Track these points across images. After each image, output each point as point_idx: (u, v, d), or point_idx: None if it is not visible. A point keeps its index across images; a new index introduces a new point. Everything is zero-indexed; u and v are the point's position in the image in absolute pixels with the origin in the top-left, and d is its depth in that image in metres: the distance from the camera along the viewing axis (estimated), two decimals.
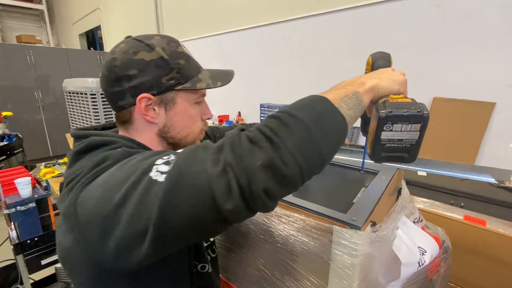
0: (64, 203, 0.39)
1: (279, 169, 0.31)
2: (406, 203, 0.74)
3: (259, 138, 0.32)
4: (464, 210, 1.07)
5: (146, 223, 0.32)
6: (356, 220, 0.46)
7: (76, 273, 0.41)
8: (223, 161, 0.31)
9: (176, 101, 0.48)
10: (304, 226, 0.51)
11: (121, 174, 0.36)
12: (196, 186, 0.31)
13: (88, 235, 0.36)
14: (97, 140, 0.44)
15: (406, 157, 0.43)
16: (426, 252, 0.61)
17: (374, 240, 0.47)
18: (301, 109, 0.34)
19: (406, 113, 0.38)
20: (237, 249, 0.69)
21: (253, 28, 2.62)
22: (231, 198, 0.31)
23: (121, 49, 0.46)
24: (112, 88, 0.46)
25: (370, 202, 0.53)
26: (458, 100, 1.64)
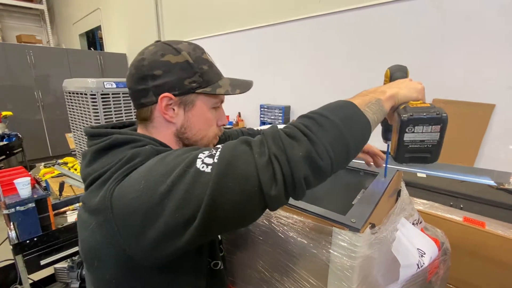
0: (94, 198, 0.40)
1: (315, 161, 0.35)
2: (406, 205, 0.74)
3: (297, 133, 0.37)
4: (463, 211, 1.07)
5: (194, 212, 0.34)
6: (355, 222, 0.46)
7: (104, 269, 0.41)
8: (268, 152, 0.35)
9: (195, 103, 0.51)
10: (303, 228, 0.51)
11: (162, 168, 0.37)
12: (244, 175, 0.34)
13: (125, 228, 0.37)
14: (121, 138, 0.46)
15: (428, 157, 0.45)
16: (425, 254, 0.61)
17: (373, 242, 0.47)
18: (332, 112, 0.39)
19: (426, 116, 0.42)
20: (236, 250, 0.69)
21: (253, 29, 2.62)
22: (275, 185, 0.35)
23: (150, 51, 0.49)
24: (137, 85, 0.49)
25: (369, 203, 0.53)
26: (457, 102, 1.65)
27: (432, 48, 1.68)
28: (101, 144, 0.46)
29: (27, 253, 1.13)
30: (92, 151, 0.46)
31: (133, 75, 0.49)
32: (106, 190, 0.39)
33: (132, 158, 0.42)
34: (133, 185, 0.38)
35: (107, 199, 0.38)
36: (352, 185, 0.78)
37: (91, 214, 0.41)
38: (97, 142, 0.47)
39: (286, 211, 0.56)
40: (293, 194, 0.37)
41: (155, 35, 3.80)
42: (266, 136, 0.38)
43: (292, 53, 2.39)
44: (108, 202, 0.38)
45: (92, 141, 0.48)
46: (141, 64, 0.48)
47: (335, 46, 2.11)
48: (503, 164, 1.55)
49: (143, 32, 4.09)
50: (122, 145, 0.45)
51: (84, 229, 0.43)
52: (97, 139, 0.47)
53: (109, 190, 0.39)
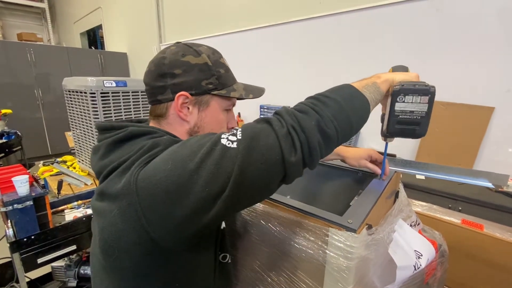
0: (117, 185, 0.41)
1: (324, 129, 0.41)
2: (403, 206, 0.74)
3: (306, 109, 0.42)
4: (461, 214, 1.07)
5: (223, 184, 0.37)
6: (352, 222, 0.46)
7: (124, 257, 0.42)
8: (286, 125, 0.40)
9: (210, 104, 0.53)
10: (300, 228, 0.51)
11: (187, 149, 0.40)
12: (268, 146, 0.38)
13: (151, 210, 0.38)
14: (138, 130, 0.47)
15: (417, 129, 0.49)
16: (422, 255, 0.61)
17: (370, 243, 0.46)
18: (333, 92, 0.45)
19: (415, 86, 0.47)
20: (232, 250, 0.69)
21: (253, 30, 2.62)
22: (295, 152, 0.39)
23: (172, 51, 0.51)
24: (155, 82, 0.51)
25: (366, 204, 0.53)
26: (457, 104, 1.65)
27: (431, 50, 1.68)
28: (117, 136, 0.47)
29: (24, 251, 1.12)
30: (107, 143, 0.47)
31: (152, 72, 0.51)
32: (131, 175, 0.40)
33: (153, 147, 0.43)
34: (159, 167, 0.39)
35: (132, 182, 0.39)
36: (350, 186, 0.78)
37: (112, 200, 0.41)
38: (112, 135, 0.48)
39: (282, 211, 0.55)
40: (309, 161, 0.41)
41: (156, 34, 3.80)
42: (280, 113, 0.43)
43: (292, 54, 2.39)
44: (134, 185, 0.39)
45: (104, 134, 0.49)
46: (161, 62, 0.50)
47: (335, 47, 2.11)
48: (502, 167, 1.55)
49: (144, 31, 4.09)
50: (139, 136, 0.47)
51: (103, 218, 0.43)
52: (111, 132, 0.49)
53: (133, 174, 0.40)
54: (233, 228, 0.67)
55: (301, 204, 0.54)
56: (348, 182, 0.78)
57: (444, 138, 1.71)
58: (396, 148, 1.94)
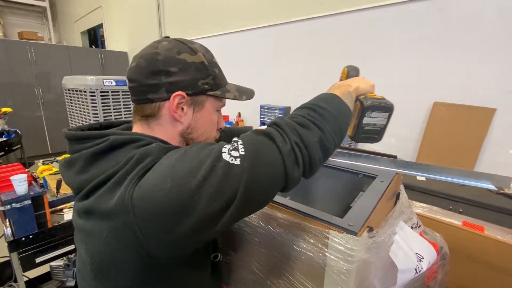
0: (107, 202, 0.38)
1: (326, 145, 0.43)
2: (404, 208, 0.73)
3: (307, 123, 0.43)
4: (462, 216, 1.06)
5: (228, 201, 0.37)
6: (353, 225, 0.45)
7: (122, 276, 0.40)
8: (289, 141, 0.41)
9: (205, 105, 0.51)
10: (300, 230, 0.50)
11: (186, 164, 0.38)
12: (272, 163, 0.39)
13: (150, 228, 0.36)
14: (121, 139, 0.43)
15: (376, 137, 0.58)
16: (423, 258, 0.60)
17: (371, 246, 0.46)
18: (328, 103, 0.47)
19: (382, 104, 0.54)
20: (231, 251, 0.68)
21: (254, 30, 2.62)
22: (297, 168, 0.41)
23: (164, 46, 0.48)
24: (147, 79, 0.47)
25: (367, 206, 0.52)
26: (458, 105, 1.64)
27: (433, 50, 1.67)
28: (98, 147, 0.43)
29: (22, 251, 1.12)
30: (86, 156, 0.43)
31: (143, 68, 0.47)
32: (125, 192, 0.37)
33: (143, 157, 0.40)
34: (157, 184, 0.37)
35: (127, 201, 0.36)
36: (351, 188, 0.77)
37: (103, 220, 0.38)
38: (90, 145, 0.44)
39: (283, 212, 0.55)
40: (308, 174, 0.44)
41: (156, 34, 3.79)
42: (282, 127, 0.42)
43: (293, 54, 2.38)
44: (129, 204, 0.36)
45: (80, 145, 0.45)
46: (155, 58, 0.46)
47: (336, 47, 2.10)
48: (503, 169, 1.54)
49: (144, 31, 4.09)
50: (123, 146, 0.43)
51: (92, 239, 0.40)
52: (88, 142, 0.45)
53: (127, 192, 0.37)
54: (232, 230, 0.67)
55: (301, 206, 0.54)
56: (348, 183, 0.78)
57: (445, 139, 1.70)
58: (397, 149, 1.94)
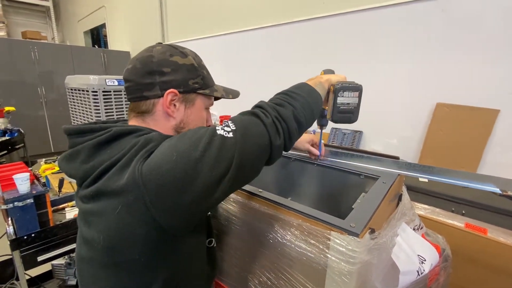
0: (118, 181, 0.42)
1: (299, 118, 0.52)
2: (407, 209, 0.73)
3: (283, 102, 0.53)
4: (465, 217, 1.05)
5: (226, 167, 0.43)
6: (355, 226, 0.45)
7: (133, 249, 0.44)
8: (270, 116, 0.50)
9: (195, 102, 0.58)
10: (301, 231, 0.50)
11: (187, 141, 0.43)
12: (259, 132, 0.48)
13: (160, 200, 0.40)
14: (123, 129, 0.48)
15: (352, 116, 0.67)
16: (425, 260, 0.60)
17: (373, 247, 0.45)
18: (299, 89, 0.57)
19: (351, 85, 0.65)
20: (232, 251, 0.68)
21: (256, 30, 2.61)
22: (279, 137, 0.50)
23: (158, 50, 0.54)
24: (142, 79, 0.52)
25: (369, 208, 0.52)
26: (461, 106, 1.63)
27: (436, 51, 1.67)
28: (101, 138, 0.47)
29: (24, 249, 1.12)
30: (90, 146, 0.47)
31: (139, 69, 0.52)
32: (134, 170, 0.41)
33: (147, 143, 0.45)
34: (164, 158, 0.41)
35: (138, 176, 0.40)
36: (352, 189, 0.76)
37: (115, 197, 0.42)
38: (93, 137, 0.48)
39: (283, 213, 0.55)
40: (288, 143, 0.52)
41: (159, 34, 3.80)
42: (263, 107, 0.52)
43: (295, 54, 2.38)
44: (139, 178, 0.40)
45: (82, 137, 0.49)
46: (149, 60, 0.52)
47: (338, 47, 2.10)
48: (506, 170, 1.53)
49: (147, 30, 4.10)
50: (125, 135, 0.48)
51: (104, 217, 0.44)
52: (90, 135, 0.49)
53: (137, 169, 0.41)
54: (233, 229, 0.67)
55: (303, 207, 0.53)
56: (350, 184, 0.77)
57: (448, 140, 1.69)
58: (398, 149, 1.93)
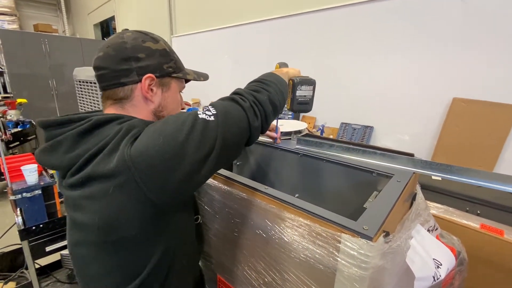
0: (108, 165, 0.43)
1: (273, 102, 0.58)
2: (421, 210, 0.69)
3: (258, 89, 0.58)
4: (480, 218, 1.01)
5: (210, 147, 0.46)
6: (368, 229, 0.41)
7: (130, 227, 0.46)
8: (248, 100, 0.54)
9: (171, 86, 0.59)
10: (309, 232, 0.47)
11: (172, 126, 0.46)
12: (239, 116, 0.52)
13: (151, 180, 0.43)
14: (104, 118, 0.49)
15: (308, 107, 0.77)
16: (441, 265, 0.56)
17: (387, 251, 0.42)
18: (270, 77, 0.62)
19: (307, 80, 0.74)
20: (237, 250, 0.66)
21: (264, 21, 2.56)
22: (257, 119, 0.54)
23: (130, 37, 0.54)
24: (118, 66, 0.52)
25: (383, 208, 0.48)
26: (479, 102, 1.56)
27: (453, 44, 1.58)
28: (83, 127, 0.48)
29: (33, 239, 1.14)
30: (72, 135, 0.48)
31: (113, 56, 0.52)
32: (122, 153, 0.43)
33: (130, 129, 0.47)
34: (151, 142, 0.44)
35: (127, 159, 0.42)
36: (364, 187, 0.73)
37: (106, 180, 0.43)
38: (74, 127, 0.48)
39: (291, 212, 0.52)
40: (265, 125, 0.57)
41: (167, 26, 3.78)
42: (240, 93, 0.56)
43: (303, 46, 2.31)
44: (129, 161, 0.42)
45: (62, 128, 0.49)
46: (123, 47, 0.53)
47: (348, 40, 2.02)
48: None
49: (155, 23, 4.08)
50: (107, 123, 0.49)
51: (97, 201, 0.45)
52: (70, 125, 0.49)
53: (125, 152, 0.42)
54: (238, 227, 0.64)
55: (311, 206, 0.50)
56: (361, 182, 0.74)
57: (464, 137, 1.62)
58: (411, 146, 1.87)
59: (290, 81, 0.73)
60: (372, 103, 1.99)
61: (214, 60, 3.17)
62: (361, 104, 2.04)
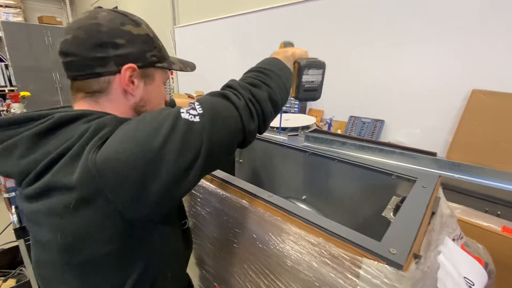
0: (70, 175, 0.36)
1: (274, 99, 0.50)
2: (447, 217, 0.61)
3: (257, 82, 0.49)
4: (501, 219, 0.92)
5: (194, 155, 0.39)
6: (396, 253, 0.33)
7: (96, 247, 0.39)
8: (243, 98, 0.46)
9: (155, 77, 0.51)
10: (321, 252, 0.39)
11: (147, 126, 0.38)
12: (230, 117, 0.44)
13: (122, 191, 0.36)
14: (68, 115, 0.41)
15: (316, 94, 0.66)
16: (474, 284, 0.48)
17: (418, 277, 0.34)
18: (272, 66, 0.54)
19: (315, 62, 0.63)
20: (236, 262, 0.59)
21: (274, 8, 2.44)
22: (253, 121, 0.47)
23: (105, 17, 0.45)
24: (92, 53, 0.44)
25: (411, 224, 0.40)
26: (500, 94, 1.44)
27: (473, 32, 1.46)
28: (42, 126, 0.41)
29: (28, 238, 1.10)
30: (29, 136, 0.41)
31: (85, 40, 0.44)
32: (86, 161, 0.36)
33: (99, 129, 0.39)
34: (121, 146, 0.37)
35: (92, 168, 0.35)
36: (381, 191, 0.65)
37: (68, 192, 0.37)
38: (31, 127, 0.41)
39: (299, 227, 0.44)
40: (263, 127, 0.50)
41: (170, 17, 3.68)
42: (235, 87, 0.47)
43: (311, 34, 2.19)
44: (94, 170, 0.35)
45: (16, 129, 0.42)
46: (97, 30, 0.44)
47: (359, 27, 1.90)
48: None
49: (158, 14, 3.99)
50: (71, 122, 0.41)
51: (57, 216, 0.38)
52: (27, 125, 0.42)
53: (90, 159, 0.36)
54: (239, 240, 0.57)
55: (325, 220, 0.42)
56: (378, 185, 0.65)
57: (483, 132, 1.51)
58: (423, 141, 1.76)
59: (296, 64, 0.63)
60: (384, 95, 1.88)
61: (218, 51, 3.07)
62: (372, 95, 1.93)
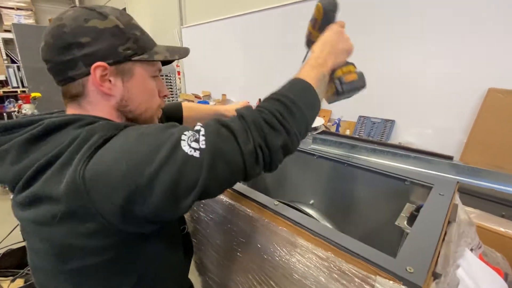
0: (58, 185, 0.35)
1: (289, 148, 0.44)
2: (465, 226, 0.57)
3: (276, 124, 0.41)
4: None
5: (188, 189, 0.37)
6: (413, 272, 0.30)
7: (86, 257, 0.39)
8: (253, 141, 0.40)
9: (134, 72, 0.47)
10: (330, 267, 0.36)
11: (143, 147, 0.37)
12: (232, 161, 0.39)
13: (109, 210, 0.35)
14: (58, 121, 0.40)
15: (348, 97, 0.56)
16: None
17: None
18: (299, 97, 0.45)
19: (355, 86, 0.53)
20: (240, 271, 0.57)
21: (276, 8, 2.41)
22: (258, 167, 0.42)
23: (69, 16, 0.43)
24: (60, 56, 0.43)
25: (429, 237, 0.37)
26: None
27: (490, 27, 1.39)
28: (32, 132, 0.40)
29: None
30: (20, 142, 0.40)
31: (52, 45, 0.42)
32: (74, 172, 0.35)
33: (90, 135, 0.38)
34: (112, 165, 0.35)
35: (79, 181, 0.34)
36: (394, 197, 0.61)
37: (54, 204, 0.36)
38: (22, 133, 0.41)
39: (307, 239, 0.41)
40: (266, 172, 0.45)
41: (177, 17, 3.69)
42: (248, 123, 0.41)
43: None
44: (82, 187, 0.34)
45: (8, 135, 0.42)
46: (61, 31, 0.42)
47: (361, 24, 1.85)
48: None
49: (165, 14, 4.01)
50: (61, 128, 0.40)
51: (47, 225, 0.37)
52: (19, 131, 0.42)
53: (78, 172, 0.35)
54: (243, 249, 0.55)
55: (334, 233, 0.39)
56: (391, 192, 0.62)
57: (501, 133, 1.45)
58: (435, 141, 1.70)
59: (333, 85, 0.53)
60: (394, 94, 1.82)
61: (225, 51, 3.06)
62: (382, 94, 1.87)
